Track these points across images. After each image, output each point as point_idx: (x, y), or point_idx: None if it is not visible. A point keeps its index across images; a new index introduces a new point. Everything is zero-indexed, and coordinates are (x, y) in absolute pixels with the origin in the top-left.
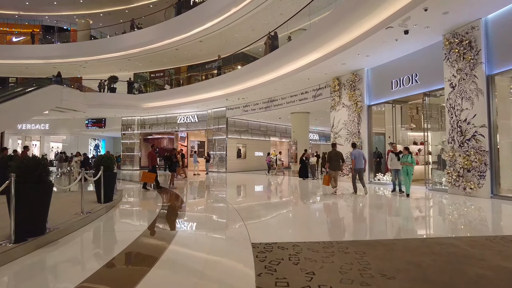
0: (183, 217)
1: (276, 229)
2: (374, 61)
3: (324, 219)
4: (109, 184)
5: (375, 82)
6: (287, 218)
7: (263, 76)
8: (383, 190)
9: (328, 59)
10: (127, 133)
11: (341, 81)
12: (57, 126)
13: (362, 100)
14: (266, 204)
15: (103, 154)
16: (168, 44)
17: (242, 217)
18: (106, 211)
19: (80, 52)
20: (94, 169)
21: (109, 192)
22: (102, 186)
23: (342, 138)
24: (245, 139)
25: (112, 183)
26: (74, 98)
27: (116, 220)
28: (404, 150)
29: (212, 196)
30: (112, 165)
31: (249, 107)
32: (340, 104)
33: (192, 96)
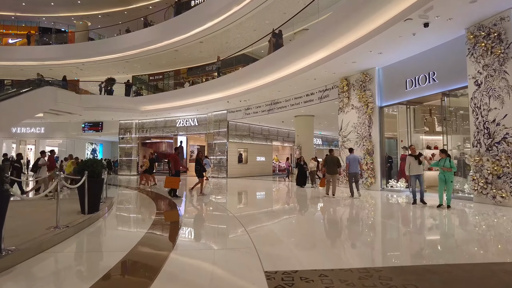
0: (178, 233)
1: (292, 250)
2: (387, 59)
3: (347, 236)
4: (95, 192)
5: (387, 82)
6: (301, 234)
7: (266, 76)
8: (397, 198)
9: (337, 57)
10: (124, 137)
11: (350, 82)
12: (53, 129)
13: (373, 101)
14: (271, 215)
15: (89, 158)
16: (167, 45)
17: (249, 233)
18: (89, 224)
19: (77, 54)
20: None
21: (94, 201)
22: (86, 194)
23: (352, 142)
24: (247, 144)
25: (99, 191)
26: (69, 100)
27: (98, 236)
28: (441, 153)
29: (209, 204)
30: (98, 170)
31: (251, 110)
32: (349, 106)
33: (192, 98)
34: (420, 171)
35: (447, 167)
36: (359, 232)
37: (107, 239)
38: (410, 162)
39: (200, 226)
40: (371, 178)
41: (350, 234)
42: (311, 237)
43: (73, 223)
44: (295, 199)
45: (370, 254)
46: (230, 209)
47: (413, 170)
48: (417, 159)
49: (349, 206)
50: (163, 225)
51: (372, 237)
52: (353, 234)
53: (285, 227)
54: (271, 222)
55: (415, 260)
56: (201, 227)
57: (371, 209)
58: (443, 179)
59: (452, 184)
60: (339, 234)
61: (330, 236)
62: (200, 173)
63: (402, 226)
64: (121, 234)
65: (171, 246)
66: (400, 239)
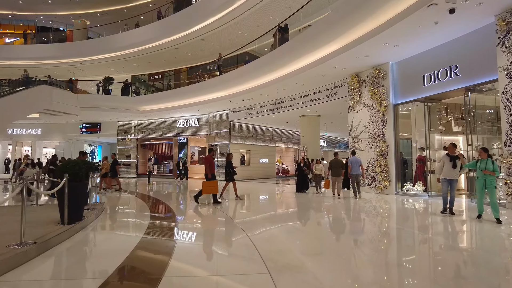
0: (173, 247)
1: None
2: (403, 52)
3: (399, 268)
4: (77, 198)
5: (403, 78)
6: (323, 258)
7: (271, 73)
8: (413, 202)
9: (348, 51)
10: (123, 139)
11: (361, 78)
12: (50, 130)
13: (387, 98)
14: (284, 230)
15: (70, 159)
16: (167, 42)
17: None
18: (68, 237)
19: (74, 53)
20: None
21: (77, 208)
22: (66, 201)
23: (363, 142)
24: (249, 145)
25: (82, 197)
26: (65, 100)
27: (73, 255)
28: (482, 153)
29: (207, 209)
30: (81, 173)
31: (254, 109)
32: (360, 104)
33: (193, 98)
34: (454, 176)
35: (490, 170)
36: (408, 258)
37: (84, 258)
38: (444, 163)
39: (196, 232)
40: (385, 181)
41: (399, 263)
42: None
43: (45, 237)
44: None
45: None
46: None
47: (447, 173)
48: (453, 161)
49: (370, 217)
50: (160, 233)
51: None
52: (402, 264)
53: (295, 237)
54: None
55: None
56: (198, 234)
57: (396, 221)
58: (482, 184)
59: (495, 191)
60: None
61: (367, 262)
62: (231, 176)
63: (447, 248)
64: (103, 250)
65: (164, 269)
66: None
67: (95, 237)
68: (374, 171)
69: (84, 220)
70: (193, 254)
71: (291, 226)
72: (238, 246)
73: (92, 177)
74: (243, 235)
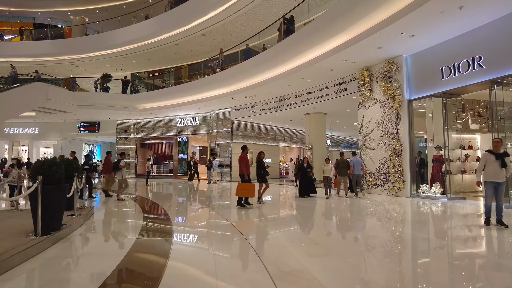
0: (159, 270)
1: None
2: (419, 43)
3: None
4: (54, 204)
5: (418, 72)
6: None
7: (275, 68)
8: (430, 205)
9: (360, 42)
10: (122, 138)
11: (372, 72)
12: (47, 130)
13: (402, 93)
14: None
15: (46, 158)
16: (167, 38)
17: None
18: (37, 253)
19: (72, 49)
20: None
21: (54, 216)
22: (40, 208)
23: (375, 141)
24: (252, 144)
25: (60, 202)
26: (61, 98)
27: (37, 279)
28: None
29: (207, 212)
30: (59, 174)
31: (257, 107)
32: (371, 100)
33: (193, 95)
34: (501, 178)
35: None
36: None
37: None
38: (486, 162)
39: (193, 236)
40: (399, 182)
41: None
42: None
43: (5, 254)
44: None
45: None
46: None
47: (491, 175)
48: (500, 160)
49: (397, 227)
50: (150, 248)
51: None
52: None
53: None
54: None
55: None
56: (194, 241)
57: (432, 233)
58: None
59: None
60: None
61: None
62: (263, 177)
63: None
64: (78, 272)
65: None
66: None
67: (71, 253)
68: (387, 171)
69: (63, 230)
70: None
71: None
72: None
73: (79, 178)
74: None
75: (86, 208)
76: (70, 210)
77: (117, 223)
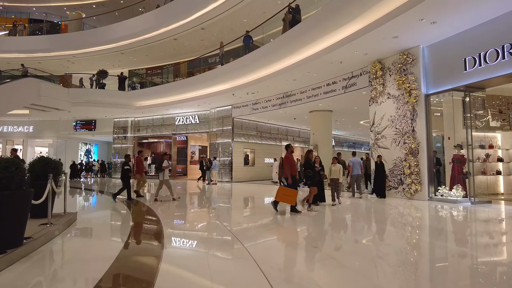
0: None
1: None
2: (440, 31)
3: None
4: (12, 214)
5: (436, 64)
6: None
7: (279, 61)
8: (453, 210)
9: (374, 30)
10: (120, 137)
11: (385, 65)
12: (42, 128)
13: (418, 87)
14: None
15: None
16: (165, 32)
17: None
18: None
19: (67, 45)
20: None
21: (12, 230)
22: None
23: (388, 139)
24: (254, 144)
25: (20, 212)
26: (55, 94)
27: None
28: None
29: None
30: (19, 177)
31: (260, 104)
32: (384, 95)
33: (192, 91)
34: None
35: None
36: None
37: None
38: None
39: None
40: (416, 184)
41: None
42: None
43: None
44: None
45: None
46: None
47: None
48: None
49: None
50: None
51: None
52: None
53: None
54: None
55: None
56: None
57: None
58: None
59: None
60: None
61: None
62: (312, 180)
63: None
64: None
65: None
66: None
67: (28, 280)
68: (401, 172)
69: (26, 245)
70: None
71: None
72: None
73: (57, 179)
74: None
75: (66, 214)
76: (44, 217)
77: (102, 235)
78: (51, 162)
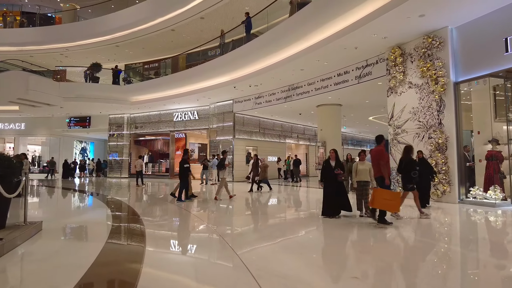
0: None
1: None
2: (473, 9)
3: None
4: None
5: (468, 46)
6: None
7: (286, 49)
8: (490, 214)
9: (398, 7)
10: (115, 134)
11: (405, 51)
12: (34, 125)
13: (446, 74)
14: None
15: None
16: (162, 22)
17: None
18: None
19: (60, 37)
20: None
21: None
22: None
23: (409, 134)
24: (256, 141)
25: None
26: (44, 88)
27: None
28: None
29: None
30: None
31: (263, 98)
32: (404, 84)
33: (191, 85)
34: None
35: None
36: None
37: None
38: None
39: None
40: (444, 185)
41: None
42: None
43: None
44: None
45: None
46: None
47: None
48: None
49: None
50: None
51: None
52: None
53: None
54: None
55: None
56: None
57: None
58: None
59: None
60: None
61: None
62: (416, 181)
63: None
64: None
65: None
66: None
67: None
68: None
69: None
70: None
71: None
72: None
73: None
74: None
75: (25, 225)
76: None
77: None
78: (2, 159)
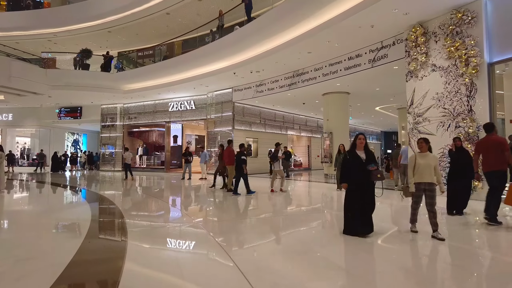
0: None
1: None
2: None
3: None
4: None
5: (505, 22)
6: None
7: (292, 28)
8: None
9: None
10: (107, 125)
11: (429, 29)
12: (23, 116)
13: (480, 54)
14: None
15: None
16: (156, 5)
17: None
18: None
19: (48, 22)
20: None
21: None
22: None
23: (433, 123)
24: (257, 132)
25: None
26: (29, 76)
27: None
28: None
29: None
30: None
31: (265, 86)
32: (427, 67)
33: (187, 71)
34: None
35: None
36: None
37: None
38: None
39: None
40: (474, 181)
41: None
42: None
43: None
44: None
45: None
46: None
47: None
48: None
49: None
50: None
51: None
52: None
53: None
54: None
55: None
56: None
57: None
58: None
59: None
60: None
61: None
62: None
63: None
64: None
65: None
66: None
67: None
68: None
69: None
70: None
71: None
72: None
73: None
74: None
75: None
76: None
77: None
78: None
